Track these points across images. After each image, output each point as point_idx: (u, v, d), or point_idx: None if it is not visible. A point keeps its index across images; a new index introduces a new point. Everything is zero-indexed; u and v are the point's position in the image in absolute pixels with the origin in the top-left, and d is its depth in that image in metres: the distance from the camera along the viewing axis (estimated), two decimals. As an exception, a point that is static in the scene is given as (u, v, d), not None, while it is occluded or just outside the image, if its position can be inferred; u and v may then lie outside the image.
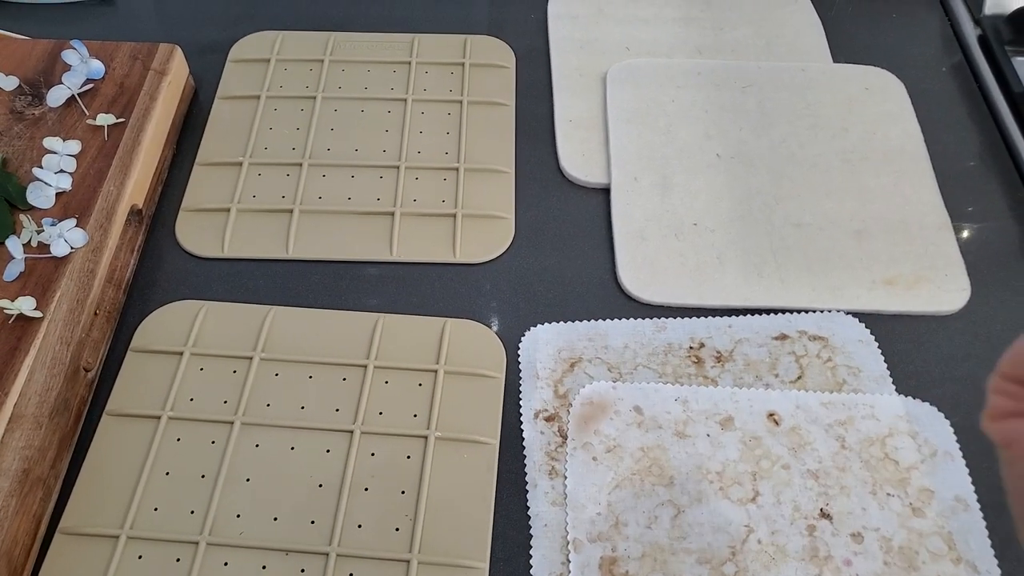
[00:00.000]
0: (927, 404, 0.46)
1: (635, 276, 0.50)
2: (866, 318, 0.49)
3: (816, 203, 0.53)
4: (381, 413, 0.45)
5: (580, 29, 0.63)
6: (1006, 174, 0.56)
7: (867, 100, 0.59)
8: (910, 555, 0.42)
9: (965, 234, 0.52)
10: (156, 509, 0.42)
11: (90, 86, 0.52)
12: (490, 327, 0.48)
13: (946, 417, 0.45)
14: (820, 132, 0.57)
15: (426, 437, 0.44)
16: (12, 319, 0.43)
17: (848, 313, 0.49)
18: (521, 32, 0.63)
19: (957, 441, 0.45)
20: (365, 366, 0.46)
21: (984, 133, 0.58)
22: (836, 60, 0.62)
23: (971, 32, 0.64)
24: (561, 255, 0.52)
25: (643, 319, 0.49)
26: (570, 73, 0.60)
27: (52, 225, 0.46)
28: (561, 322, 0.49)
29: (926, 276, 0.50)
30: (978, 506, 0.43)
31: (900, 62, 0.62)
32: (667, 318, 0.49)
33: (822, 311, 0.49)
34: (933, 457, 0.45)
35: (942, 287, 0.50)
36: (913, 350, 0.48)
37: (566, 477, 0.43)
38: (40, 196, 0.47)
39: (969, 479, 0.44)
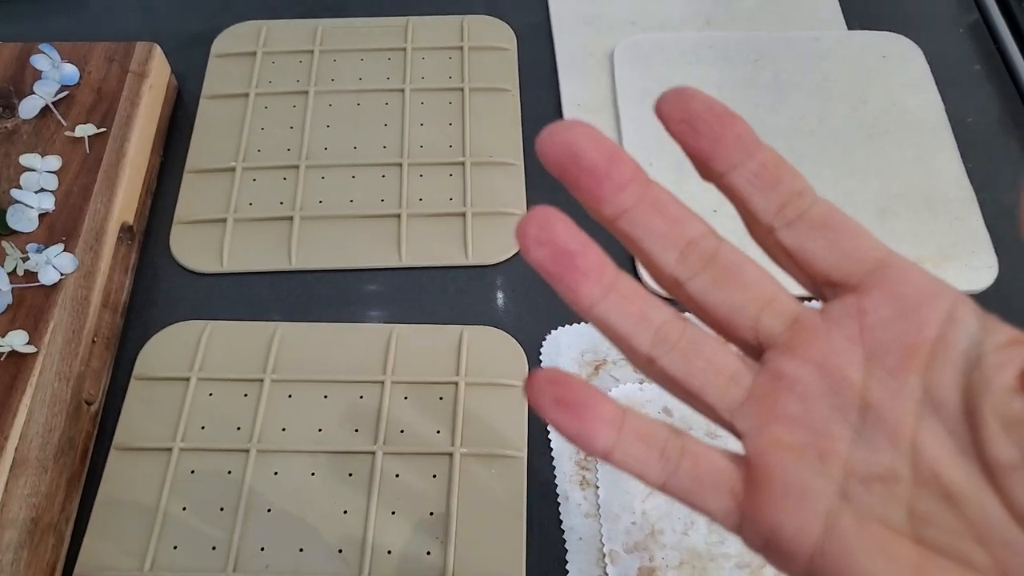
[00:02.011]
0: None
1: (656, 270, 0.48)
2: (894, 301, 0.47)
3: (838, 182, 0.51)
4: (402, 431, 0.43)
5: (583, 3, 0.60)
6: (1030, 141, 0.54)
7: (885, 69, 0.56)
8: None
9: (989, 208, 0.50)
10: (176, 547, 0.40)
11: (65, 93, 0.49)
12: (509, 332, 0.46)
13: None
14: (838, 105, 0.55)
15: (451, 454, 0.42)
16: (4, 356, 0.40)
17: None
18: (520, 9, 0.60)
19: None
20: (382, 382, 0.44)
21: (1005, 97, 0.56)
22: (850, 25, 0.59)
23: (987, -11, 0.61)
24: (578, 251, 0.49)
25: (667, 315, 0.47)
26: (575, 52, 0.57)
27: (38, 252, 0.43)
28: (583, 323, 0.47)
29: (952, 254, 0.49)
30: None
31: (915, 24, 0.59)
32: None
33: (850, 297, 0.48)
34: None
35: (969, 265, 0.48)
36: (944, 333, 0.47)
37: (598, 487, 0.42)
38: (22, 219, 0.44)
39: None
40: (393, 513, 0.41)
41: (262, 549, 0.40)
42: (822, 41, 0.58)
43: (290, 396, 0.44)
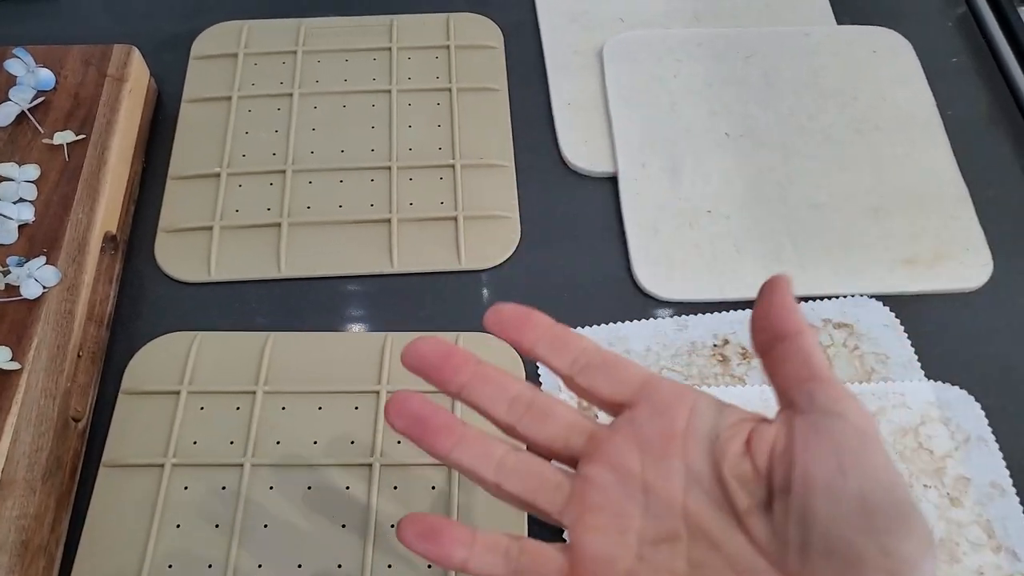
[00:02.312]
0: (957, 388, 0.45)
1: (651, 272, 0.48)
2: (888, 300, 0.47)
3: (831, 180, 0.51)
4: (399, 442, 0.42)
5: (569, 0, 0.59)
6: (1020, 136, 0.54)
7: (875, 64, 0.56)
8: (951, 547, 0.41)
9: (982, 204, 0.51)
10: (170, 566, 0.39)
11: (40, 99, 0.47)
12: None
13: (976, 400, 0.44)
14: (829, 101, 0.54)
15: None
16: (-12, 374, 0.39)
17: (871, 296, 0.47)
18: (505, 6, 0.59)
19: (989, 425, 0.44)
20: (377, 392, 0.43)
21: (994, 92, 0.56)
22: (839, 20, 0.59)
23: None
24: (572, 253, 0.49)
25: (663, 318, 0.47)
26: (563, 51, 0.57)
27: (19, 265, 0.41)
28: (579, 328, 0.46)
29: (947, 252, 0.49)
30: (1014, 491, 0.42)
31: (903, 17, 0.59)
32: (687, 315, 0.47)
33: (844, 296, 0.47)
34: (967, 443, 0.44)
35: (964, 263, 0.49)
36: (938, 331, 0.47)
37: (600, 496, 0.42)
38: (0, 231, 0.43)
39: (1003, 463, 0.43)
40: (392, 526, 0.40)
41: (259, 566, 0.39)
42: (812, 36, 0.57)
43: (284, 408, 0.43)
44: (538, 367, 0.45)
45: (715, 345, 0.46)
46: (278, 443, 0.42)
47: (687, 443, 0.27)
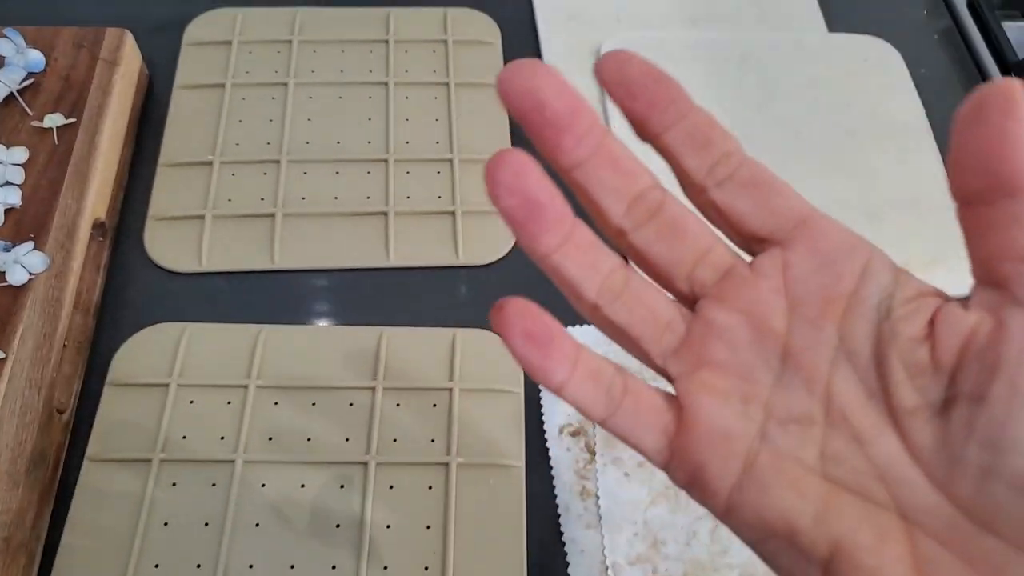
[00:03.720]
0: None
1: (650, 273, 0.48)
2: (883, 305, 0.47)
3: (826, 186, 0.51)
4: (395, 440, 0.42)
5: (566, -1, 0.59)
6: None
7: (866, 72, 0.57)
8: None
9: (973, 212, 0.51)
10: (157, 565, 0.38)
11: (30, 81, 0.46)
12: (503, 336, 0.45)
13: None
14: (822, 108, 0.55)
15: (447, 464, 0.41)
16: (-30, 363, 0.37)
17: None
18: (503, 2, 0.58)
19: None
20: (373, 388, 0.43)
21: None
22: (830, 26, 0.59)
23: (960, -6, 0.62)
24: (570, 252, 0.48)
25: (662, 319, 0.46)
26: (560, 49, 0.56)
27: (6, 250, 0.40)
28: (577, 325, 0.46)
29: (940, 258, 0.49)
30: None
31: (891, 27, 0.59)
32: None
33: (841, 301, 0.48)
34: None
35: (955, 269, 0.49)
36: (931, 337, 0.47)
37: (598, 497, 0.41)
38: (-14, 215, 0.41)
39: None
40: (388, 527, 0.39)
41: (251, 566, 0.38)
42: (805, 43, 0.58)
43: (276, 403, 0.42)
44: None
45: (713, 347, 0.46)
46: (271, 439, 0.41)
47: (850, 310, 0.21)
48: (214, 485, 0.40)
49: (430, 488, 0.40)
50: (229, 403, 0.42)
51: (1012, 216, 0.19)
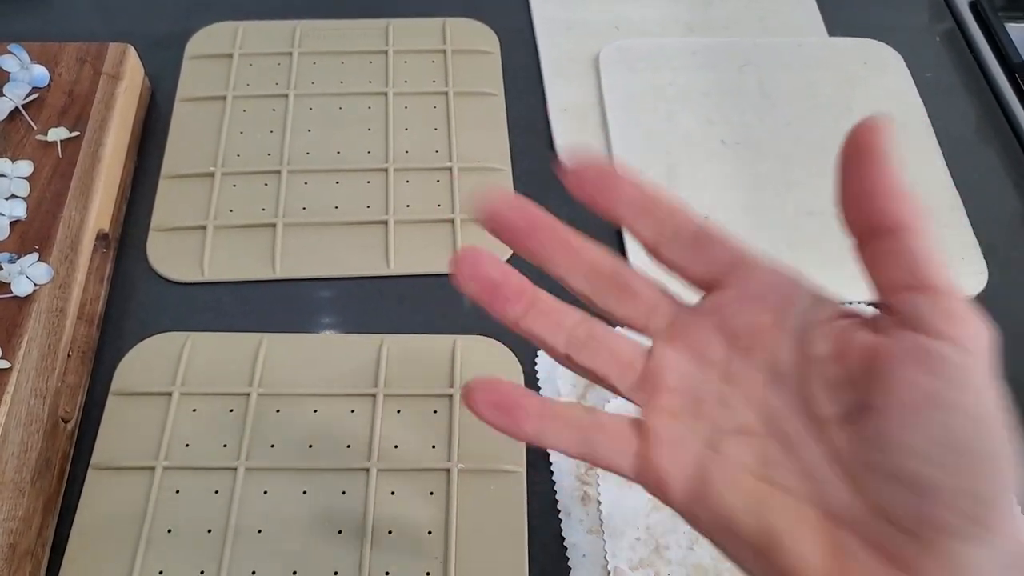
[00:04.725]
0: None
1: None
2: (885, 308, 0.47)
3: (828, 189, 0.51)
4: (397, 447, 0.42)
5: (565, 8, 0.59)
6: (1009, 149, 0.55)
7: (867, 75, 0.57)
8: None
9: (975, 213, 0.51)
10: (161, 572, 0.38)
11: (34, 96, 0.46)
12: (503, 342, 0.45)
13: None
14: (823, 112, 0.55)
15: (448, 470, 0.41)
16: (-24, 373, 0.38)
17: (868, 304, 0.48)
18: (502, 12, 0.59)
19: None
20: (374, 395, 0.43)
21: (983, 105, 0.57)
22: (831, 31, 0.59)
23: (963, -1, 0.62)
24: (569, 258, 0.48)
25: (662, 323, 0.47)
26: (559, 57, 0.57)
27: (11, 262, 0.40)
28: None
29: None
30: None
31: (892, 30, 0.60)
32: (686, 320, 0.47)
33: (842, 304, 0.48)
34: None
35: (959, 271, 0.49)
36: (934, 339, 0.47)
37: (600, 502, 0.41)
38: (-9, 227, 0.42)
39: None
40: (390, 532, 0.40)
41: (253, 573, 0.38)
42: (805, 48, 0.58)
43: (278, 411, 0.43)
44: (538, 376, 0.44)
45: (713, 351, 0.46)
46: (272, 446, 0.42)
47: (775, 336, 0.25)
48: (217, 492, 0.40)
49: (431, 494, 0.41)
50: (231, 411, 0.42)
51: (892, 252, 0.22)
